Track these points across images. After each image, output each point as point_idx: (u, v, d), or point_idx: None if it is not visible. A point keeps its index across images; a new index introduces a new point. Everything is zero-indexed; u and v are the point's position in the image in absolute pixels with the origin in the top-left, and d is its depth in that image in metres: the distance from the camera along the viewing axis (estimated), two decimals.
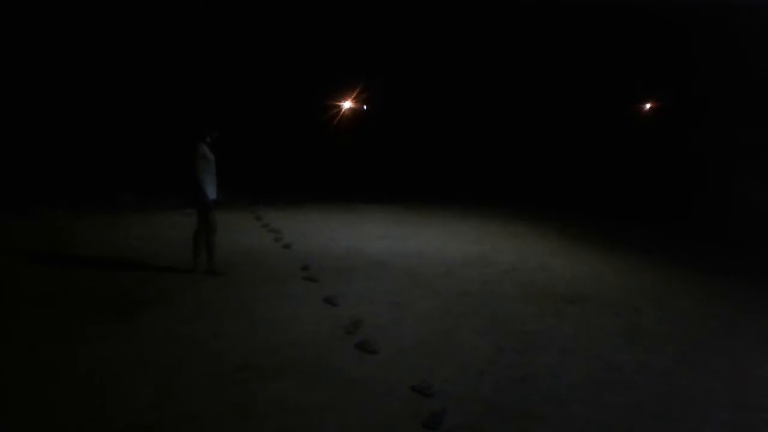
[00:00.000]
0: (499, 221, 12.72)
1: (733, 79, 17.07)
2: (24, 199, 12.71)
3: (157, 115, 18.14)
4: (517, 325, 6.47)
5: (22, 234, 9.90)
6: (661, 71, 20.33)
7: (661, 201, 16.25)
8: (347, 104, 24.53)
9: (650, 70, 20.71)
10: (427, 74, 20.90)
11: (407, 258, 9.20)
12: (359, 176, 17.92)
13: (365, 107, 24.52)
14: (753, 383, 5.26)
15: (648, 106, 28.32)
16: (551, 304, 7.24)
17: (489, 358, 5.59)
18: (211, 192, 7.87)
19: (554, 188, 17.79)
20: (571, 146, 21.52)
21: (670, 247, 10.80)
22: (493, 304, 7.18)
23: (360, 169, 18.79)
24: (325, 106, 22.46)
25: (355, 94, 23.17)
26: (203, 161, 7.74)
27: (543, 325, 6.53)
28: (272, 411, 4.50)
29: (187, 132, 7.99)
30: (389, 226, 11.68)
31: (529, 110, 21.76)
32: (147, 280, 7.62)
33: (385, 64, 20.77)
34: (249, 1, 18.15)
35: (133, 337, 5.78)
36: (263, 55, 19.50)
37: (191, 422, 4.28)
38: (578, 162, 20.63)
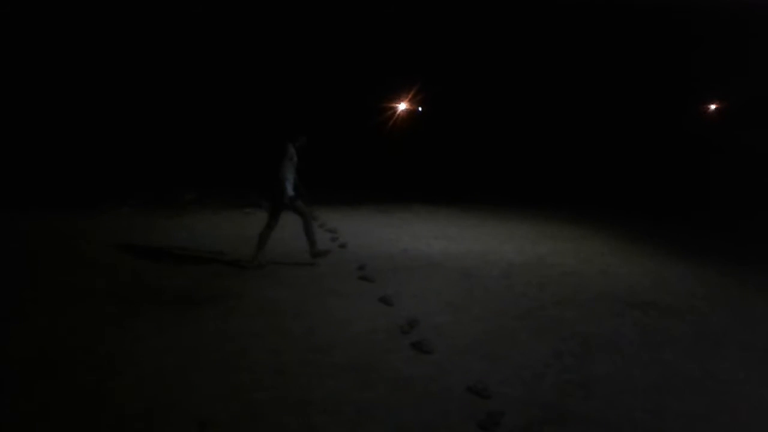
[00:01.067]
0: (557, 223, 12.49)
1: None
2: (90, 196, 13.15)
3: (217, 113, 18.52)
4: (576, 329, 6.34)
5: (90, 230, 10.24)
6: (727, 70, 19.69)
7: (721, 205, 15.70)
8: (402, 106, 24.57)
9: (715, 70, 20.08)
10: (480, 75, 20.75)
11: (463, 259, 9.14)
12: (414, 177, 17.89)
13: (420, 109, 24.50)
14: None
15: (713, 106, 27.42)
16: (611, 308, 7.08)
17: (547, 362, 5.50)
18: (290, 190, 8.24)
19: (612, 190, 17.37)
20: (629, 148, 21.04)
21: (731, 251, 10.41)
22: (551, 307, 7.07)
23: (415, 170, 18.76)
24: (381, 108, 22.55)
25: (410, 96, 23.19)
26: (290, 162, 8.19)
27: (603, 328, 6.39)
28: (329, 406, 4.53)
29: (278, 133, 8.42)
30: (445, 227, 11.62)
31: (587, 111, 21.37)
32: (210, 276, 7.78)
33: (438, 66, 20.72)
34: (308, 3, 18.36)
35: (194, 331, 5.90)
36: (320, 56, 19.70)
37: (250, 416, 4.35)
38: (637, 164, 20.14)
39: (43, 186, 13.79)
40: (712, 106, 28.07)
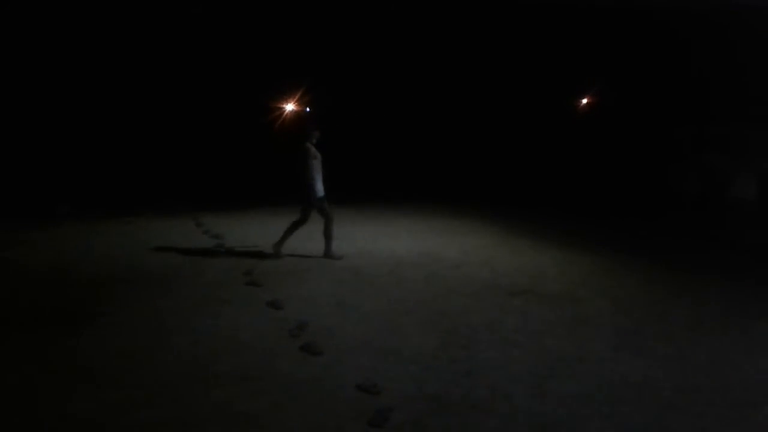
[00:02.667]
0: (445, 218, 12.78)
1: (673, 77, 17.57)
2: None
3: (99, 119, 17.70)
4: (461, 320, 6.51)
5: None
6: (603, 67, 20.72)
7: (603, 194, 16.61)
8: (290, 107, 24.34)
9: (592, 66, 21.07)
10: (372, 74, 20.85)
11: (353, 257, 9.17)
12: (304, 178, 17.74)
13: (308, 109, 24.34)
14: (690, 365, 5.41)
15: (585, 101, 28.91)
16: (495, 298, 7.32)
17: (434, 354, 5.61)
18: (320, 189, 8.79)
19: (498, 184, 17.97)
20: (514, 141, 21.74)
21: (613, 238, 11.02)
22: (438, 300, 7.22)
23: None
24: (270, 108, 22.20)
25: (297, 96, 22.98)
26: (315, 161, 8.65)
27: (487, 318, 6.59)
28: (216, 417, 4.41)
29: (294, 134, 9.06)
30: (336, 227, 11.60)
31: (474, 107, 21.88)
32: (92, 290, 7.40)
33: (329, 66, 20.66)
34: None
35: (74, 349, 5.60)
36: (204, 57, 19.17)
37: None
38: (522, 157, 20.87)
39: None
40: (584, 101, 29.65)
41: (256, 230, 11.27)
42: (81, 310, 6.68)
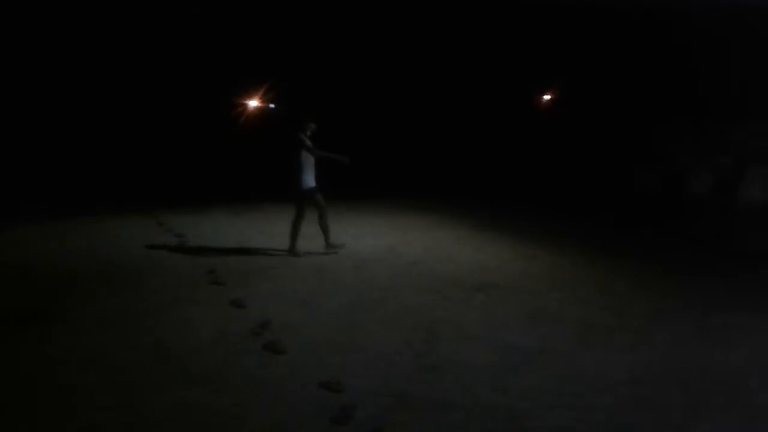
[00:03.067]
0: (408, 214, 12.82)
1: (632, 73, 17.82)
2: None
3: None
4: (425, 316, 6.55)
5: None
6: (565, 63, 20.91)
7: (563, 188, 16.82)
8: (253, 102, 24.09)
9: (554, 62, 21.24)
10: (332, 70, 20.77)
11: (317, 255, 9.14)
12: (265, 176, 17.59)
13: (272, 106, 24.13)
14: (648, 357, 5.53)
15: (547, 97, 29.19)
16: (458, 293, 7.38)
17: (398, 350, 5.64)
18: (312, 180, 8.82)
19: (461, 178, 18.05)
20: (475, 136, 21.83)
21: (576, 232, 11.16)
22: (401, 296, 7.25)
23: (267, 169, 18.45)
24: (231, 105, 21.95)
25: (262, 92, 22.76)
26: (306, 152, 8.66)
27: (450, 313, 6.65)
28: (177, 417, 4.37)
29: (289, 125, 8.97)
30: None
31: (444, 103, 21.91)
32: (53, 291, 7.26)
33: (293, 62, 20.52)
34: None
35: (36, 352, 5.49)
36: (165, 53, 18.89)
37: None
38: (484, 151, 20.97)
39: None
40: (546, 97, 29.92)
41: (219, 228, 11.17)
42: (42, 310, 6.55)
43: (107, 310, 6.65)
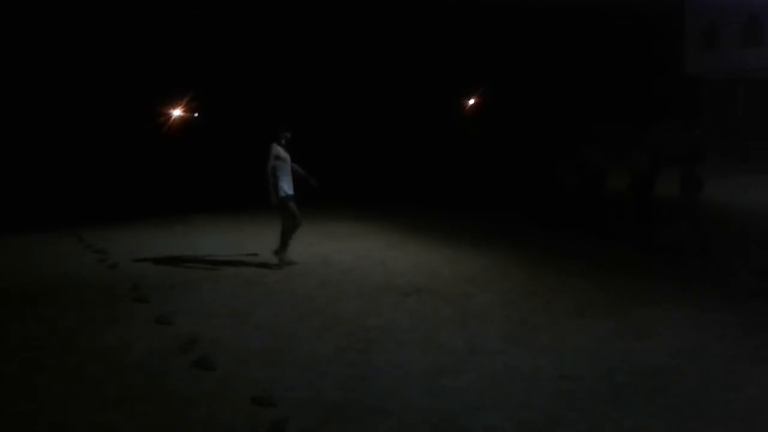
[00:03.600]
0: (340, 221, 12.77)
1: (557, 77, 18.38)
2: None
3: None
4: (357, 323, 6.53)
5: None
6: (490, 67, 21.35)
7: (483, 189, 17.09)
8: (177, 112, 23.56)
9: (478, 66, 21.65)
10: (252, 79, 20.57)
11: (245, 267, 8.99)
12: (190, 186, 17.21)
13: (196, 114, 23.69)
14: (574, 353, 5.67)
15: (471, 101, 29.73)
16: (390, 299, 7.39)
17: (330, 360, 5.59)
18: (288, 188, 8.64)
19: (390, 183, 18.13)
20: (402, 141, 22.01)
21: (499, 233, 11.33)
22: (333, 305, 7.21)
23: (191, 178, 18.06)
24: (157, 114, 21.40)
25: (185, 102, 22.30)
26: (279, 161, 8.51)
27: (382, 319, 6.65)
28: None
29: (263, 134, 8.82)
30: (223, 235, 11.36)
31: (362, 109, 22.01)
32: None
33: (213, 73, 20.21)
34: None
35: None
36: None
37: None
38: (410, 155, 21.14)
39: None
40: (471, 101, 30.43)
41: (142, 243, 10.84)
42: None
43: (27, 332, 6.37)
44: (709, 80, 32.07)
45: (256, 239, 10.92)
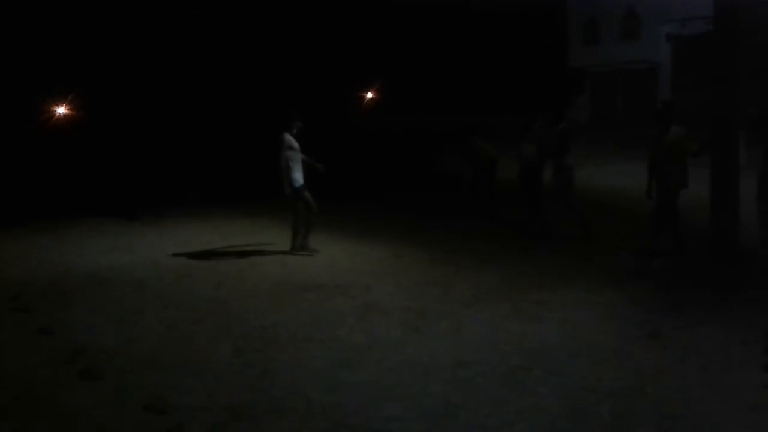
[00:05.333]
0: (236, 218, 12.47)
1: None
2: None
3: None
4: (255, 322, 6.41)
5: None
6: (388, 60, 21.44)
7: (373, 180, 17.09)
8: (61, 110, 22.28)
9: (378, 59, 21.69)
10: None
11: (136, 270, 8.60)
12: (78, 188, 16.29)
13: (73, 112, 22.49)
14: (470, 340, 5.80)
15: (369, 95, 29.82)
16: (288, 296, 7.30)
17: (227, 362, 5.46)
18: (301, 178, 8.68)
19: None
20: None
21: (389, 225, 11.35)
22: (229, 304, 7.04)
23: (78, 180, 17.10)
24: (38, 111, 20.18)
25: (70, 99, 21.14)
26: (291, 151, 8.55)
27: (280, 317, 6.55)
28: None
29: (274, 124, 8.78)
30: (113, 239, 10.84)
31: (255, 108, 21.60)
32: None
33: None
34: None
35: None
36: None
37: None
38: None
39: None
40: (368, 95, 30.48)
41: (23, 248, 10.18)
42: None
43: None
44: (591, 72, 33.75)
45: (150, 242, 10.50)
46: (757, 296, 6.59)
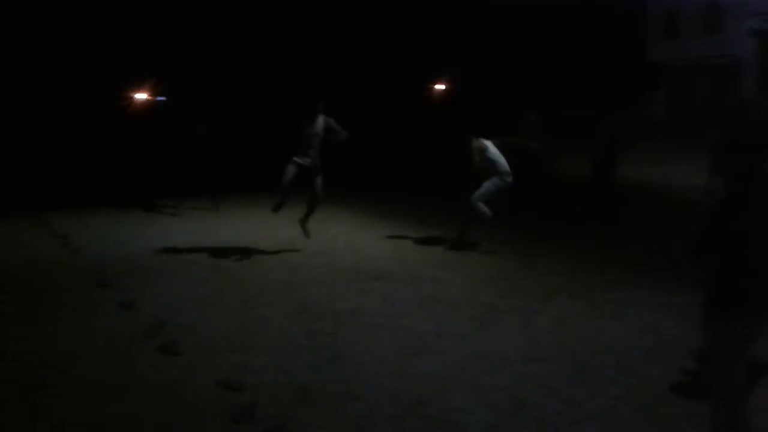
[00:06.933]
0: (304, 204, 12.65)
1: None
2: None
3: None
4: (326, 307, 6.52)
5: None
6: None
7: (433, 171, 16.99)
8: (141, 95, 22.99)
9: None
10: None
11: (211, 252, 8.89)
12: (157, 172, 16.84)
13: (160, 98, 23.16)
14: (540, 334, 5.74)
15: (441, 87, 29.51)
16: (358, 283, 7.39)
17: (299, 344, 5.58)
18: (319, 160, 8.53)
19: (351, 168, 17.96)
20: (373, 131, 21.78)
21: (456, 213, 11.29)
22: (301, 289, 7.18)
23: (157, 164, 17.65)
24: (117, 98, 20.90)
25: (150, 85, 21.79)
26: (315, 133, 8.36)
27: (351, 303, 6.64)
28: (66, 428, 4.13)
29: (300, 106, 8.60)
30: (188, 221, 11.20)
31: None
32: None
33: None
34: None
35: None
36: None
37: None
38: (371, 139, 20.94)
39: None
40: (440, 87, 30.12)
41: (106, 228, 10.65)
42: None
43: None
44: (669, 67, 32.65)
45: (225, 227, 10.81)
46: None
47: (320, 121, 8.41)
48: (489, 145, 8.77)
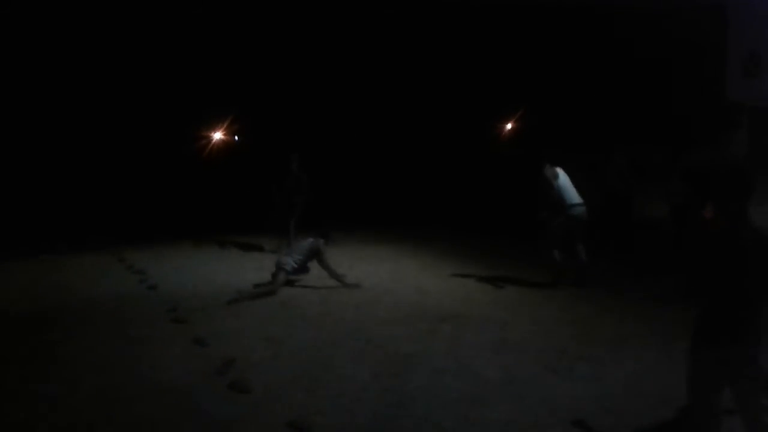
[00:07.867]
0: (368, 243, 12.80)
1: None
2: None
3: None
4: (392, 349, 6.51)
5: None
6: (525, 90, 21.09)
7: (513, 215, 16.82)
8: (218, 135, 23.82)
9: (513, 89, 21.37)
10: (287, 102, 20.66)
11: (282, 290, 9.03)
12: (231, 209, 17.36)
13: (237, 138, 23.91)
14: (612, 385, 5.56)
15: (509, 125, 29.32)
16: (424, 324, 7.36)
17: (364, 385, 5.58)
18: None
19: (424, 206, 17.99)
20: (437, 164, 21.77)
21: (530, 258, 11.15)
22: (368, 329, 7.20)
23: (232, 201, 18.19)
24: (195, 137, 21.69)
25: (225, 125, 22.53)
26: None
27: (417, 345, 6.62)
28: None
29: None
30: (263, 258, 11.45)
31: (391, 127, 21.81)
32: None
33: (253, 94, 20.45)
34: None
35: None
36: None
37: None
38: (440, 178, 20.88)
39: None
40: (508, 125, 29.93)
41: (182, 264, 11.00)
42: None
43: (64, 352, 6.48)
44: (749, 107, 31.51)
45: None
46: None
47: None
48: (561, 173, 8.67)
